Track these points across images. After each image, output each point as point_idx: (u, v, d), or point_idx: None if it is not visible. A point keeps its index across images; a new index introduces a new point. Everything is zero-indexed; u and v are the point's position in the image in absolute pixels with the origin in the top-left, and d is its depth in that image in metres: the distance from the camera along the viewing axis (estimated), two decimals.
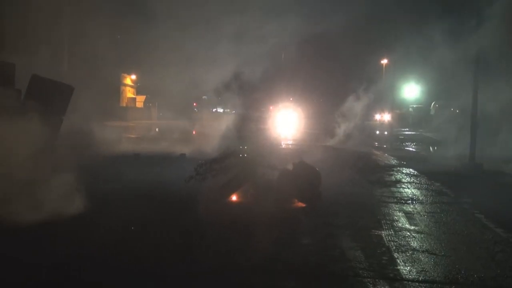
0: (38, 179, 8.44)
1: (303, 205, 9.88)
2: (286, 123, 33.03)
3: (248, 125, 25.07)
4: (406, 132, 39.54)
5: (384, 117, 44.16)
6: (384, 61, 48.19)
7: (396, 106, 49.15)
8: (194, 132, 28.06)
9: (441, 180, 13.78)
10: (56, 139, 12.53)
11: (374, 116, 43.38)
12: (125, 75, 40.07)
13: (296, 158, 10.71)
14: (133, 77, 41.70)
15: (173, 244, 7.16)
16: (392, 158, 20.11)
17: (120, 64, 33.99)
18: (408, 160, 19.30)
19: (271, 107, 34.34)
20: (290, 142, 27.16)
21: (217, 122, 24.27)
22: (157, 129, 35.98)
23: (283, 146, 23.69)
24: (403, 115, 47.86)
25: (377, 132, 37.60)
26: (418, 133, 38.68)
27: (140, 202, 9.68)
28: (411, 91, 51.91)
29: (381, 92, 42.41)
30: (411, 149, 26.54)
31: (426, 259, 6.69)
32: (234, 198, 10.10)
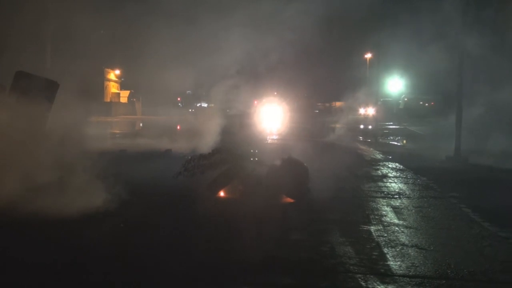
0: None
1: (292, 200, 9.87)
2: (271, 117, 33.04)
3: (233, 120, 25.07)
4: (391, 126, 39.80)
5: (368, 111, 44.37)
6: (368, 55, 48.40)
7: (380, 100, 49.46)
8: (178, 128, 27.96)
9: (427, 174, 13.88)
10: (43, 134, 12.39)
11: (358, 111, 43.57)
12: (109, 70, 39.73)
13: (284, 154, 10.67)
14: (117, 72, 41.38)
15: (160, 242, 7.13)
16: (378, 152, 20.22)
17: (104, 59, 33.72)
18: (393, 154, 19.42)
19: (255, 102, 34.35)
20: (276, 137, 27.14)
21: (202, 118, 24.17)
22: (141, 125, 35.81)
23: (268, 141, 23.71)
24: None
25: (362, 126, 37.75)
26: (402, 127, 38.97)
27: (129, 199, 9.55)
28: (395, 85, 52.16)
29: (366, 86, 42.64)
30: (396, 143, 26.71)
31: (416, 254, 6.72)
32: (222, 194, 10.06)
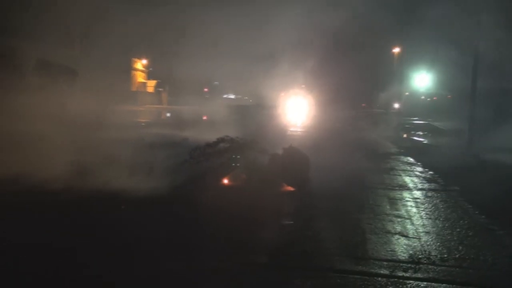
0: None
1: (292, 189, 10.24)
2: (297, 109, 33.37)
3: (258, 111, 25.48)
4: (415, 121, 39.56)
5: (395, 106, 44.35)
6: (396, 50, 48.17)
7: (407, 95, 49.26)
8: (204, 118, 28.46)
9: (435, 168, 14.02)
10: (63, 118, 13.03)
11: (383, 105, 43.61)
12: (136, 59, 40.47)
13: (287, 143, 11.04)
14: (144, 61, 42.10)
15: (163, 224, 7.61)
16: (393, 146, 20.36)
17: (131, 49, 34.33)
18: (407, 148, 19.53)
19: (282, 94, 34.67)
20: (297, 129, 27.46)
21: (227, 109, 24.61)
22: (168, 114, 36.45)
23: (288, 133, 24.05)
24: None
25: (384, 121, 37.67)
26: (426, 122, 38.70)
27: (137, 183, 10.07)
28: (422, 80, 51.61)
29: (393, 81, 42.50)
30: (415, 138, 26.68)
31: (397, 241, 7.03)
32: (225, 181, 10.49)
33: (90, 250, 6.18)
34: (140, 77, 42.73)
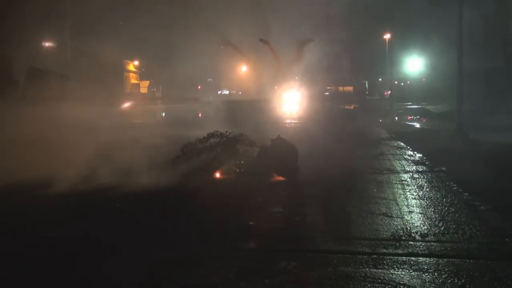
0: None
1: (282, 178, 10.57)
2: (291, 101, 33.75)
3: (252, 106, 25.78)
4: (408, 106, 39.95)
5: (387, 92, 44.61)
6: (387, 36, 48.28)
7: (399, 80, 49.54)
8: (200, 115, 28.78)
9: (424, 151, 14.37)
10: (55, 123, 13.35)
11: (375, 92, 44.03)
12: (128, 61, 40.82)
13: (276, 135, 11.35)
14: (136, 63, 42.46)
15: (157, 214, 7.97)
16: (384, 132, 20.71)
17: (123, 51, 34.66)
18: (398, 133, 19.87)
19: (275, 87, 35.00)
20: (293, 121, 27.78)
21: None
22: (163, 114, 36.77)
23: (282, 124, 24.37)
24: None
25: (377, 107, 38.09)
26: (419, 107, 39.08)
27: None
28: (414, 64, 51.76)
29: (385, 67, 42.70)
30: (407, 122, 27.03)
31: (381, 221, 7.35)
32: (216, 174, 10.82)
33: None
34: (133, 78, 43.08)
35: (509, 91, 23.35)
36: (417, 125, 24.99)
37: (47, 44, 29.68)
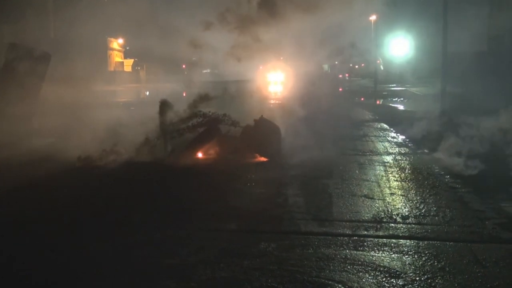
0: None
1: (265, 159, 10.51)
2: (276, 82, 33.50)
3: (237, 86, 25.56)
4: (392, 88, 39.96)
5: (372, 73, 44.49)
6: (373, 18, 48.06)
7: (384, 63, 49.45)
8: (184, 94, 28.49)
9: (407, 133, 14.36)
10: (37, 103, 13.13)
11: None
12: (112, 39, 40.20)
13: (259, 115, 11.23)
14: (120, 41, 41.84)
15: (140, 194, 7.87)
16: (368, 113, 20.71)
17: (107, 28, 34.09)
18: (382, 115, 19.86)
19: (260, 67, 34.74)
20: (278, 101, 27.60)
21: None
22: (147, 93, 36.38)
23: (267, 105, 24.21)
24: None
25: (361, 89, 38.07)
26: (404, 88, 39.08)
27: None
28: (400, 47, 51.23)
29: (370, 50, 42.61)
30: (391, 104, 27.05)
31: (362, 203, 7.34)
32: (198, 154, 10.71)
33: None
34: (117, 57, 42.52)
35: (495, 75, 23.38)
36: (401, 107, 25.01)
37: (30, 18, 29.08)
